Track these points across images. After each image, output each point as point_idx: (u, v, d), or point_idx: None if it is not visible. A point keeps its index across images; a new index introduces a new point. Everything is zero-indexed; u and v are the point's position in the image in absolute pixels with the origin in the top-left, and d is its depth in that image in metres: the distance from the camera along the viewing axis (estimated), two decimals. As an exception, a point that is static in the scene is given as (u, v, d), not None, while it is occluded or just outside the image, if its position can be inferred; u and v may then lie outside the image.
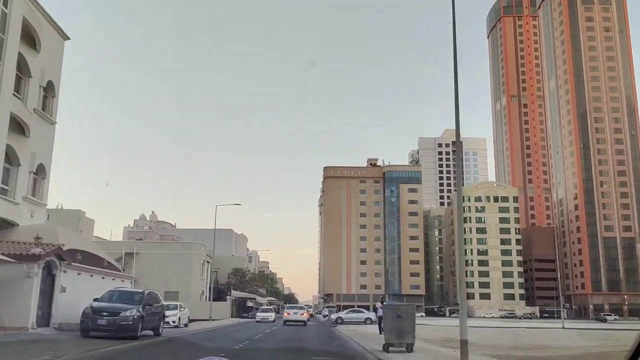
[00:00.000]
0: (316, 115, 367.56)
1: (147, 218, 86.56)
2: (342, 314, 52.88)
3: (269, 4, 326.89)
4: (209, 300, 73.75)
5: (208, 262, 74.64)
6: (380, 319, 26.64)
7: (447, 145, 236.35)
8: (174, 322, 32.52)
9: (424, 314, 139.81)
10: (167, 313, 32.93)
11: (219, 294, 75.10)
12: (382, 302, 27.82)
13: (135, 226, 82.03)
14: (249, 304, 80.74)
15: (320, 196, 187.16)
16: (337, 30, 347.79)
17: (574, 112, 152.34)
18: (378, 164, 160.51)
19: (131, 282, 35.23)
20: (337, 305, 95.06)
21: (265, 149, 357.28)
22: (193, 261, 68.24)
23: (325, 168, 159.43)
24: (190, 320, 58.64)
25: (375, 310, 27.68)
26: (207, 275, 74.41)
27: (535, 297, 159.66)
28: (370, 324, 50.00)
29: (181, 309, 34.05)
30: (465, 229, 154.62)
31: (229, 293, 67.22)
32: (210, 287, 75.33)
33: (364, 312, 52.74)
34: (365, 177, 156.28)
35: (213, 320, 51.87)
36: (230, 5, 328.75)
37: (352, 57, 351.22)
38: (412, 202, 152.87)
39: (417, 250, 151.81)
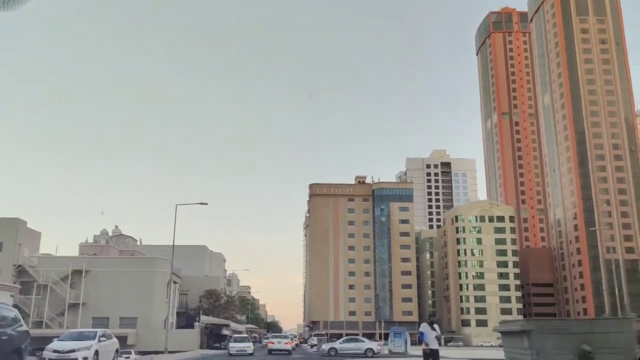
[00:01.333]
0: (302, 137, 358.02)
1: (110, 233, 74.28)
2: (337, 344, 41.20)
3: (248, 30, 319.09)
4: (175, 327, 61.56)
5: (175, 282, 62.51)
6: (429, 354, 15.11)
7: (435, 166, 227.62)
8: (84, 359, 20.75)
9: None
10: (71, 345, 21.38)
11: (188, 320, 62.88)
12: (430, 322, 16.01)
13: (94, 242, 69.64)
14: (225, 331, 68.47)
15: (306, 217, 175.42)
16: (326, 50, 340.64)
17: (571, 127, 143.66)
18: (367, 182, 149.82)
19: (12, 296, 23.26)
20: (326, 333, 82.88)
21: (247, 172, 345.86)
22: (155, 281, 56.27)
23: (311, 185, 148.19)
24: (143, 353, 46.51)
25: (421, 335, 14.88)
26: (173, 298, 62.18)
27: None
28: (372, 356, 38.57)
29: (101, 339, 22.18)
30: (459, 250, 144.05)
31: (197, 319, 55.11)
32: (175, 313, 63.11)
33: (364, 342, 41.17)
34: (354, 195, 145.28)
35: (170, 352, 39.84)
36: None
37: (340, 78, 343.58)
38: (403, 221, 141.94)
39: (409, 273, 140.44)
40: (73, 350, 21.13)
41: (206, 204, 40.89)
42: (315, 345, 61.64)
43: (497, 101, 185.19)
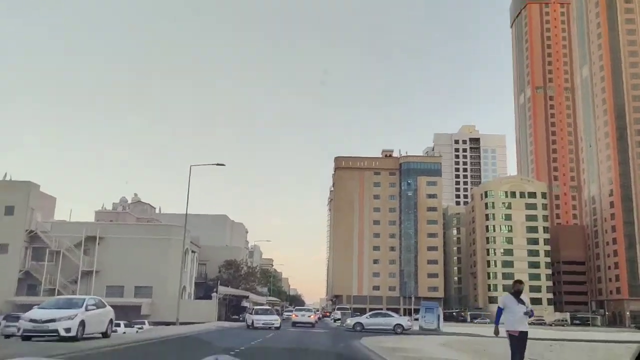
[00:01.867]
0: (329, 112, 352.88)
1: (129, 201, 71.72)
2: (363, 319, 37.73)
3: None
4: (194, 298, 59.02)
5: (193, 251, 59.83)
6: (518, 339, 10.53)
7: (464, 141, 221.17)
8: (66, 330, 17.53)
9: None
10: (52, 314, 18.20)
11: (207, 290, 60.19)
12: (516, 292, 11.01)
13: (112, 209, 67.12)
14: (245, 303, 65.76)
15: (331, 192, 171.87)
16: (355, 22, 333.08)
17: (610, 101, 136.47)
18: (394, 156, 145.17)
19: None
20: (350, 308, 79.61)
21: (272, 147, 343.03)
22: (171, 249, 53.49)
23: (336, 158, 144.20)
24: (157, 324, 43.77)
25: (498, 313, 9.83)
26: (191, 268, 59.55)
27: (564, 302, 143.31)
28: (402, 333, 35.01)
29: (90, 307, 18.90)
30: (488, 226, 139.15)
31: (215, 290, 52.27)
32: (194, 283, 60.53)
33: (392, 317, 37.62)
34: (380, 169, 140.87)
35: (184, 324, 36.92)
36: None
37: (366, 51, 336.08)
38: (430, 196, 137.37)
39: (435, 248, 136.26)
40: (53, 320, 17.81)
41: (223, 164, 37.62)
42: (338, 319, 58.42)
43: (531, 75, 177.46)
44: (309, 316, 44.96)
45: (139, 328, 42.42)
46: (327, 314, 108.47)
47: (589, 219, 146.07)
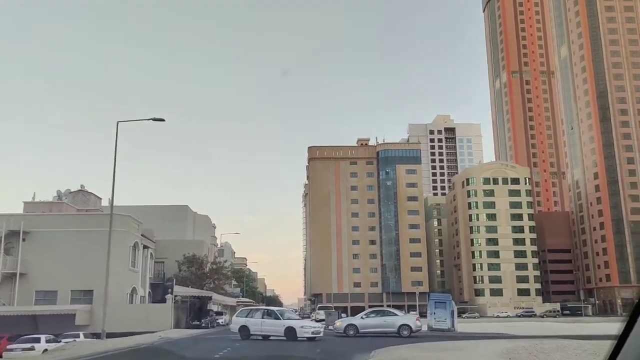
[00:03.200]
0: (301, 104, 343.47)
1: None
2: (357, 320, 28.26)
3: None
4: (152, 301, 48.79)
5: (146, 247, 49.50)
6: None
7: (439, 131, 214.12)
8: None
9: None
10: None
11: (165, 292, 49.78)
12: None
13: (51, 200, 56.01)
14: (212, 306, 55.69)
15: (305, 185, 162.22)
16: (328, 8, 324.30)
17: (592, 80, 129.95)
18: (370, 144, 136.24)
19: None
20: (333, 307, 69.72)
21: (243, 146, 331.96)
22: (117, 243, 43.08)
23: (310, 148, 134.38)
24: (97, 336, 33.63)
25: None
26: (144, 266, 49.24)
27: (551, 292, 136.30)
28: (411, 335, 25.79)
29: None
30: (471, 215, 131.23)
31: (169, 290, 42.18)
32: (148, 284, 50.24)
33: (395, 315, 28.28)
34: (357, 158, 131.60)
35: (124, 335, 27.05)
36: None
37: (337, 39, 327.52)
38: (410, 185, 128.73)
39: (418, 240, 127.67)
40: None
41: (162, 119, 27.50)
42: (321, 320, 48.83)
43: (507, 59, 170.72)
44: None
45: (69, 342, 32.23)
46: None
47: (574, 205, 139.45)
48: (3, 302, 41.27)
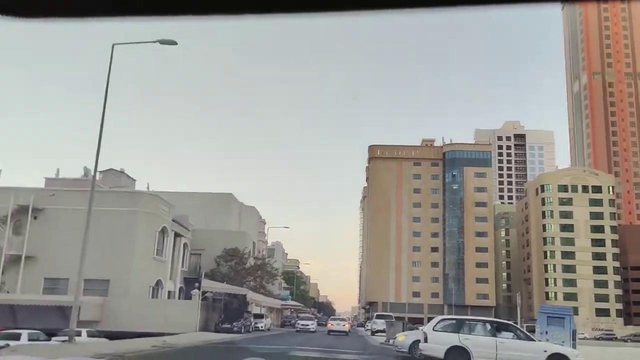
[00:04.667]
0: (361, 109, 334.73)
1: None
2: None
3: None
4: (179, 297, 41.57)
5: (180, 235, 42.33)
6: None
7: (507, 138, 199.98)
8: None
9: None
10: None
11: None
12: None
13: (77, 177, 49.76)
14: (254, 308, 48.05)
15: (364, 188, 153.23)
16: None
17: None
18: (436, 145, 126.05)
19: None
20: (392, 315, 60.11)
21: (302, 152, 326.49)
22: (139, 226, 36.17)
23: (370, 147, 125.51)
24: (106, 334, 26.42)
25: None
26: (176, 257, 42.13)
27: (632, 313, 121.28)
28: None
29: None
30: (545, 225, 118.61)
31: (197, 285, 34.70)
32: (179, 278, 43.10)
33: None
34: (421, 159, 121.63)
35: (141, 335, 19.67)
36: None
37: (398, 42, 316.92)
38: (479, 189, 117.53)
39: (485, 249, 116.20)
40: None
41: (173, 42, 19.86)
42: (378, 331, 40.12)
43: (588, 59, 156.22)
44: (344, 325, 44.50)
45: (63, 341, 25.17)
46: (351, 324, 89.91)
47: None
48: (7, 290, 34.97)
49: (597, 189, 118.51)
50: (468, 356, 16.11)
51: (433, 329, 17.85)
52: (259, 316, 44.77)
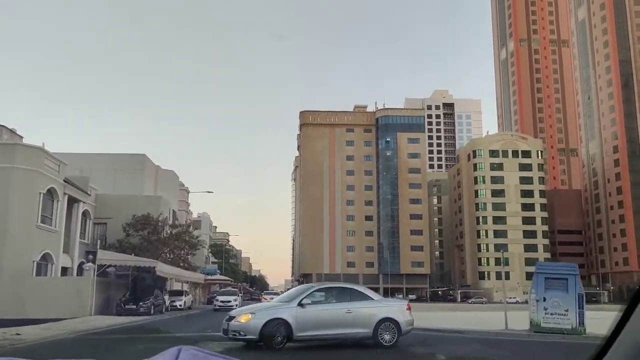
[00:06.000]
0: (293, 77, 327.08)
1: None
2: (286, 309, 12.68)
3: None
4: (77, 274, 34.05)
5: (75, 199, 34.54)
6: None
7: (437, 107, 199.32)
8: None
9: (413, 297, 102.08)
10: None
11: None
12: None
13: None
14: (177, 285, 41.13)
15: (296, 157, 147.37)
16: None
17: (614, 44, 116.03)
18: (368, 111, 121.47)
19: None
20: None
21: (231, 121, 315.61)
22: (13, 186, 28.35)
23: (302, 113, 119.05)
24: None
25: None
26: (71, 226, 34.40)
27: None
28: (394, 344, 12.82)
29: None
30: (478, 191, 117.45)
31: (90, 256, 27.54)
32: (77, 252, 35.48)
33: (369, 298, 13.69)
34: (354, 125, 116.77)
35: None
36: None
37: (328, 11, 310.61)
38: (412, 156, 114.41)
39: (419, 217, 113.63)
40: None
41: None
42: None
43: (514, 26, 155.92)
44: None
45: None
46: None
47: (588, 182, 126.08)
48: None
49: (527, 154, 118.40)
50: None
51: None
52: (177, 293, 37.90)
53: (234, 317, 12.60)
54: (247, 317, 12.32)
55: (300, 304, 12.53)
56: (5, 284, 26.23)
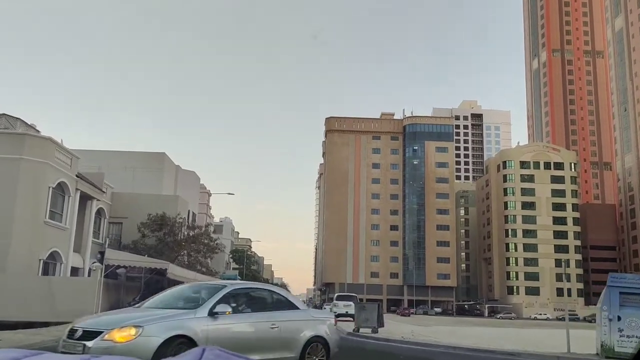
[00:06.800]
0: (320, 89, 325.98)
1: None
2: (191, 321, 7.89)
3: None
4: (89, 275, 32.03)
5: (89, 196, 32.68)
6: None
7: (465, 117, 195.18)
8: None
9: (438, 310, 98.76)
10: None
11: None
12: None
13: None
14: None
15: (321, 165, 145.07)
16: None
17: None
18: (395, 118, 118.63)
19: None
20: (356, 296, 51.41)
21: (255, 131, 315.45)
22: (20, 178, 26.51)
23: (328, 119, 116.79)
24: None
25: None
26: (84, 224, 32.52)
27: (591, 293, 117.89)
28: None
29: None
30: (507, 203, 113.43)
31: (99, 256, 25.52)
32: (89, 250, 33.57)
33: (296, 308, 9.56)
34: (380, 132, 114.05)
35: None
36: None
37: (357, 19, 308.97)
38: (440, 165, 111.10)
39: (446, 227, 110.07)
40: None
41: None
42: (341, 315, 31.81)
43: (547, 36, 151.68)
44: None
45: None
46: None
47: (623, 196, 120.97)
48: None
49: (559, 166, 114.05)
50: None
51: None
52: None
53: (93, 331, 7.39)
54: (129, 333, 7.28)
55: (213, 314, 8.08)
56: (8, 283, 24.29)
